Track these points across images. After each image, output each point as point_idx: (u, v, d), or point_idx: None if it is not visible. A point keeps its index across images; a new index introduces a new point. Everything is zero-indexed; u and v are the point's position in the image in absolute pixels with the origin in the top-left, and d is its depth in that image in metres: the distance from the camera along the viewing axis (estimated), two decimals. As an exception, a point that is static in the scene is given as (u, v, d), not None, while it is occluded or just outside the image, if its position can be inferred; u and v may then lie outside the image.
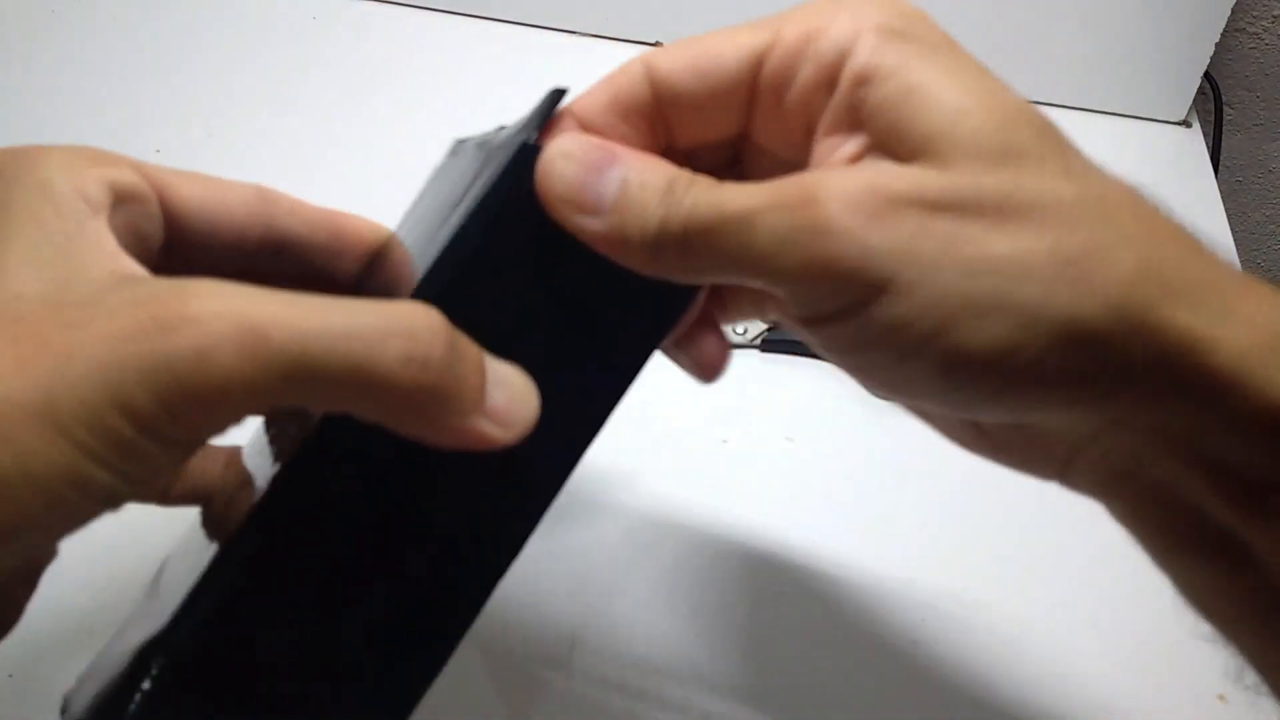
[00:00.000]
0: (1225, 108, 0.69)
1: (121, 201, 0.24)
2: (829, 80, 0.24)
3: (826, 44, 0.24)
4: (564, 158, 0.24)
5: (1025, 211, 0.22)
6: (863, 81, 0.23)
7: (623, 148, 0.24)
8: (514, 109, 0.32)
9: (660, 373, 0.48)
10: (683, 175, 0.24)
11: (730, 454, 0.45)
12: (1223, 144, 0.69)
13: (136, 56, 0.60)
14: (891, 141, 0.23)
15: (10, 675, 0.35)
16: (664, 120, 0.27)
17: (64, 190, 0.22)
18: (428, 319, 0.21)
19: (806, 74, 0.25)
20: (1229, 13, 0.60)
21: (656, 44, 0.65)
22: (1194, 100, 0.64)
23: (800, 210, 0.22)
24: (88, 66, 0.60)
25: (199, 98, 0.60)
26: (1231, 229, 0.59)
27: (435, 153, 0.32)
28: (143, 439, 0.19)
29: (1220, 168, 0.67)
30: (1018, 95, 0.24)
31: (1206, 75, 0.63)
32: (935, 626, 0.40)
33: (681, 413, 0.47)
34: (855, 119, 0.24)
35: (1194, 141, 0.64)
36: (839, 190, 0.22)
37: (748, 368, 0.49)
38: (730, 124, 0.26)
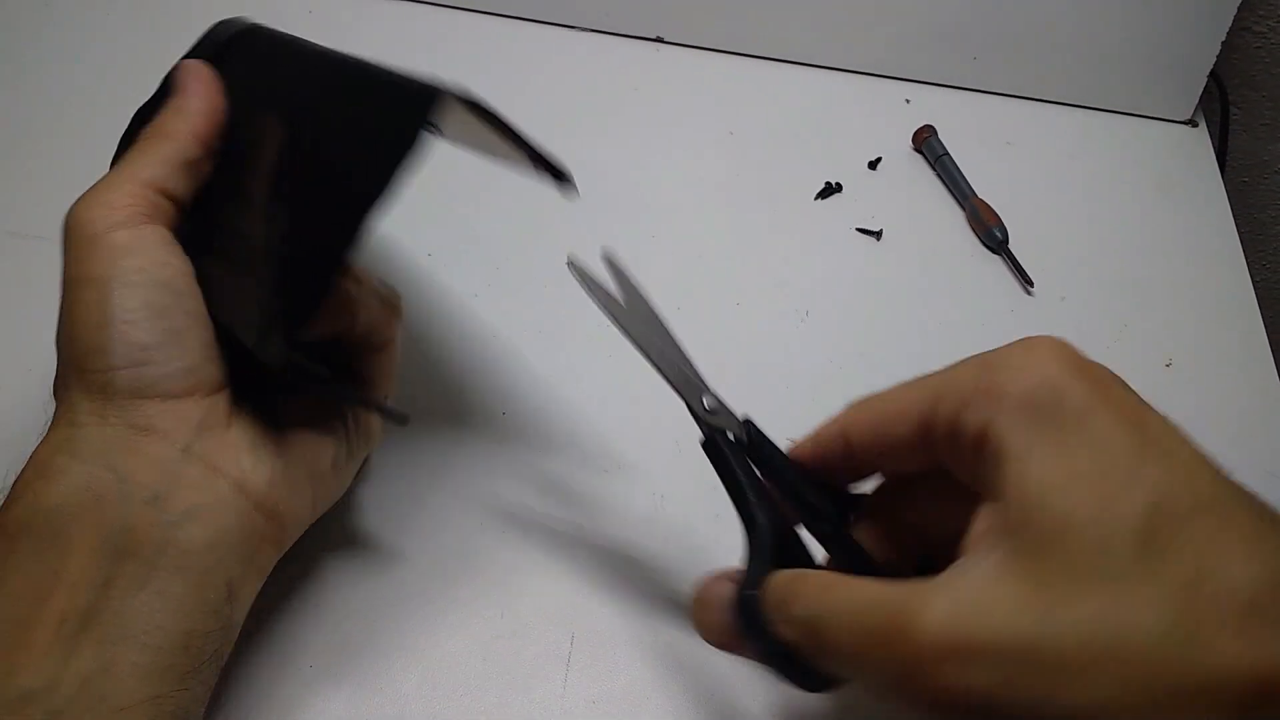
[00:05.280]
0: (1231, 107, 0.68)
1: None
2: (978, 449, 0.26)
3: (972, 418, 0.26)
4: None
5: (1107, 656, 0.22)
6: (995, 463, 0.25)
7: None
8: (513, 105, 0.32)
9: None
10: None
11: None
12: (1229, 144, 0.68)
13: (132, 54, 0.60)
14: (1012, 530, 0.24)
15: None
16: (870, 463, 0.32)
17: None
18: None
19: (962, 443, 0.27)
20: (1235, 12, 0.60)
21: (657, 39, 0.65)
22: (1200, 99, 0.64)
23: (893, 647, 0.24)
24: (86, 65, 0.59)
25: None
26: (1238, 229, 0.59)
27: (431, 150, 0.32)
28: None
29: (1226, 167, 0.66)
30: (1148, 481, 0.23)
31: (1213, 74, 0.63)
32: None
33: (683, 412, 0.46)
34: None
35: (1200, 141, 0.64)
36: (931, 629, 0.23)
37: (749, 368, 0.48)
38: (923, 461, 0.29)
